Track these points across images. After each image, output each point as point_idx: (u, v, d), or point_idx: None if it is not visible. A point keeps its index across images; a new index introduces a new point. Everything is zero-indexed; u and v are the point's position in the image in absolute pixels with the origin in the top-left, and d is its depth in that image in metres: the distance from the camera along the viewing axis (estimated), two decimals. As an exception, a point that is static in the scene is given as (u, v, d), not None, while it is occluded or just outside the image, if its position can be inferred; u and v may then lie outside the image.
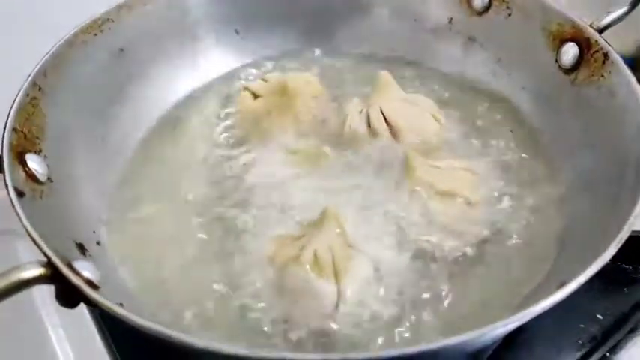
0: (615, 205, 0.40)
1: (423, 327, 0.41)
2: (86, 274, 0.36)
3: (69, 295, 0.35)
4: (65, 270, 0.34)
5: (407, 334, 0.40)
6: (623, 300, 0.51)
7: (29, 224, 0.36)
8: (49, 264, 0.34)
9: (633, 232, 0.37)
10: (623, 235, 0.35)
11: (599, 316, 0.50)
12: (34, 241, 0.35)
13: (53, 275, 0.34)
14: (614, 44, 0.49)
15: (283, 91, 0.56)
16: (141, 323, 0.31)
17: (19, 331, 0.52)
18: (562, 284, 0.33)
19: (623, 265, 0.53)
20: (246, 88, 0.58)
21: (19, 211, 0.37)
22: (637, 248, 0.50)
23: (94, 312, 0.51)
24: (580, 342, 0.49)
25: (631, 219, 0.36)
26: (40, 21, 0.45)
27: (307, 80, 0.58)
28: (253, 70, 0.63)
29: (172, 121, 0.58)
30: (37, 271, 0.34)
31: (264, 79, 0.58)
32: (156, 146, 0.56)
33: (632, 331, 0.49)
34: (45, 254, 0.35)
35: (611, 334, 0.49)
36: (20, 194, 0.39)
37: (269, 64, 0.64)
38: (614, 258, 0.35)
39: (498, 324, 0.32)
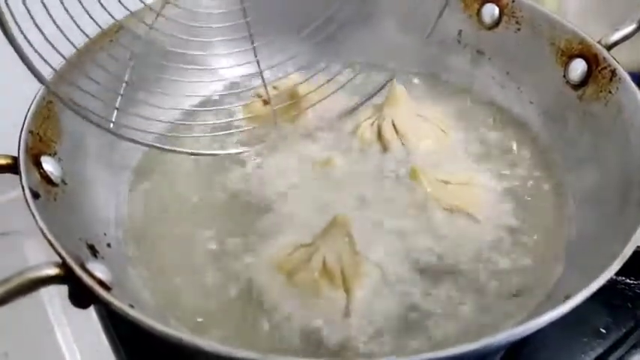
0: (620, 221, 0.41)
1: (427, 337, 0.41)
2: (99, 275, 0.36)
3: (81, 295, 0.35)
4: (79, 271, 0.35)
5: (412, 343, 0.41)
6: (627, 315, 0.51)
7: (44, 225, 0.37)
8: (64, 265, 0.35)
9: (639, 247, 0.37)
10: (627, 251, 0.35)
11: (603, 331, 0.50)
12: (50, 242, 0.36)
13: (67, 276, 0.35)
14: (624, 59, 0.50)
15: (293, 99, 0.56)
16: (152, 325, 0.32)
17: (26, 330, 0.52)
18: (566, 298, 0.33)
19: (628, 279, 0.53)
20: (256, 95, 0.59)
21: (35, 212, 0.38)
22: (641, 264, 0.50)
23: (100, 312, 0.52)
24: (583, 356, 0.49)
25: (635, 235, 0.36)
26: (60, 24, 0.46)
27: (318, 88, 0.58)
28: (264, 78, 0.64)
29: (183, 127, 0.58)
30: (52, 271, 0.34)
31: (274, 87, 0.59)
32: (167, 152, 0.56)
33: (635, 346, 0.49)
34: (59, 255, 0.35)
35: (615, 349, 0.49)
36: (35, 195, 0.40)
37: (280, 73, 0.64)
38: (618, 272, 0.35)
39: (502, 336, 0.32)
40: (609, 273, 0.34)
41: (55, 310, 0.53)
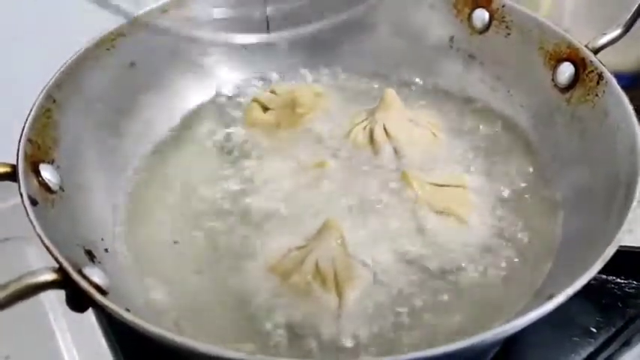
0: (606, 222, 0.41)
1: (417, 337, 0.42)
2: (95, 279, 0.37)
3: (79, 300, 0.36)
4: (76, 276, 0.35)
5: (403, 343, 0.42)
6: (617, 314, 0.52)
7: (42, 232, 0.38)
8: (61, 270, 0.36)
9: (628, 247, 0.38)
10: (609, 251, 0.36)
11: (594, 330, 0.51)
12: (47, 248, 0.37)
13: (64, 281, 0.35)
14: (616, 60, 0.50)
15: (293, 104, 0.57)
16: (147, 328, 0.32)
17: (27, 334, 0.53)
18: (550, 297, 0.34)
19: (618, 279, 0.53)
20: (255, 100, 0.59)
21: (33, 219, 0.38)
22: (631, 263, 0.51)
23: (100, 317, 0.53)
24: (574, 355, 0.49)
25: (618, 236, 0.37)
26: (55, 33, 0.47)
27: (316, 93, 0.59)
28: (260, 84, 0.65)
29: (181, 133, 0.59)
30: (49, 276, 0.35)
31: (273, 92, 0.60)
32: (165, 157, 0.57)
33: (625, 344, 0.50)
34: (57, 260, 0.36)
35: (605, 348, 0.50)
36: (33, 202, 0.41)
37: (275, 79, 0.65)
38: (608, 272, 0.36)
39: (487, 334, 0.33)
40: (591, 273, 0.35)
41: (56, 315, 0.54)
